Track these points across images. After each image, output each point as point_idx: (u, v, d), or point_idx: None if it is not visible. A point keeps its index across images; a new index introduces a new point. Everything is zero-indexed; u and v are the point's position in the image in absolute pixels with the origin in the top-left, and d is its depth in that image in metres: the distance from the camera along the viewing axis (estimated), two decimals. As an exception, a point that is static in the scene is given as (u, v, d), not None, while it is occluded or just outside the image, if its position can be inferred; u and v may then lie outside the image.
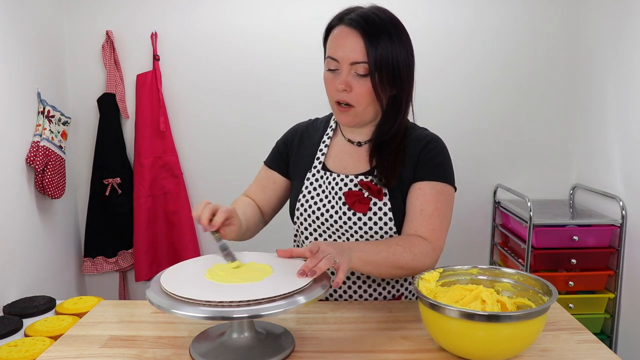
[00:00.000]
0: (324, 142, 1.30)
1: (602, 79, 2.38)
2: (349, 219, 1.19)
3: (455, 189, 1.23)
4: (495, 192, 2.64)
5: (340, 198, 1.21)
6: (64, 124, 2.28)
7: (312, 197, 1.24)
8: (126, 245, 2.59)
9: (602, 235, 2.24)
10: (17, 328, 1.57)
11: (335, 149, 1.28)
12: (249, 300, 0.88)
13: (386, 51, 1.12)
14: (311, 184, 1.26)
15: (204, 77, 2.55)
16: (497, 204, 2.63)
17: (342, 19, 1.18)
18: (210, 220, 1.06)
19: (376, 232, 1.19)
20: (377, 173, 1.20)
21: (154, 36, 2.50)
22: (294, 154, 1.33)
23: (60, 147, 2.25)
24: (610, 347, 2.26)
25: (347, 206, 1.20)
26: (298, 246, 1.33)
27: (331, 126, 1.33)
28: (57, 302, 1.78)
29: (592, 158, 2.48)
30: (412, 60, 1.18)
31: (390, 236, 1.19)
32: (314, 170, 1.27)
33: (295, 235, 1.33)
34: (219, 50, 2.53)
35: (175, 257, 2.57)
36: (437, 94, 2.57)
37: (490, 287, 1.08)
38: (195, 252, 2.59)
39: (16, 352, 1.39)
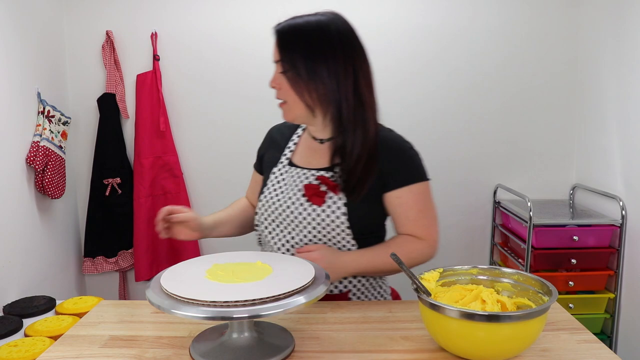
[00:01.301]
0: (292, 140, 1.39)
1: (602, 79, 2.38)
2: (305, 209, 1.25)
3: (429, 179, 1.29)
4: (495, 192, 2.64)
5: (299, 190, 1.27)
6: (64, 124, 2.28)
7: (275, 190, 1.31)
8: (126, 245, 2.59)
9: (602, 235, 2.24)
10: (17, 328, 1.57)
11: (303, 145, 1.36)
12: (249, 300, 0.88)
13: (297, 51, 1.21)
14: (276, 177, 1.33)
15: (204, 77, 2.55)
16: (497, 204, 2.63)
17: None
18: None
19: (328, 225, 1.23)
20: (337, 170, 1.25)
21: (154, 36, 2.50)
22: (266, 153, 1.43)
23: (60, 147, 2.25)
24: (610, 347, 2.26)
25: (305, 198, 1.25)
26: (259, 237, 1.38)
27: (301, 125, 1.40)
28: (57, 302, 1.78)
29: (592, 158, 2.48)
30: (321, 60, 1.20)
31: (343, 230, 1.24)
32: (279, 166, 1.35)
33: (256, 225, 1.37)
34: (219, 50, 2.53)
35: (175, 257, 2.57)
36: (436, 94, 2.57)
37: (490, 287, 1.08)
38: (195, 252, 2.60)
39: (16, 352, 1.39)
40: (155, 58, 2.50)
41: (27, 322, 1.63)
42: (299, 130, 1.40)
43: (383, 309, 1.20)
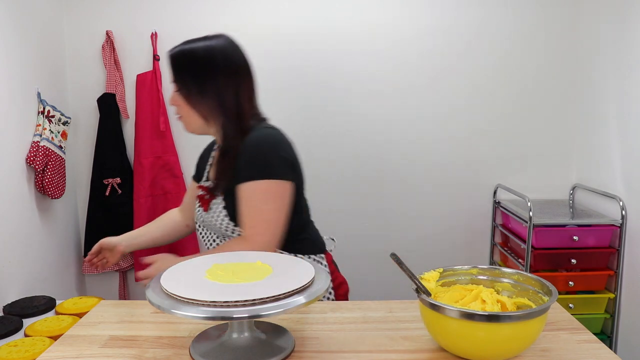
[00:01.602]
0: (212, 154, 1.55)
1: (602, 79, 2.38)
2: (201, 215, 1.45)
3: (280, 179, 1.31)
4: (495, 192, 2.64)
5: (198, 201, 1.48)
6: (64, 124, 2.28)
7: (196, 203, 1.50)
8: (126, 245, 2.59)
9: (602, 235, 2.24)
10: (17, 328, 1.57)
11: (216, 157, 1.48)
12: (249, 300, 0.88)
13: (177, 74, 1.41)
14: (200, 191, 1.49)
15: (204, 77, 2.55)
16: (497, 204, 2.63)
17: None
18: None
19: (216, 225, 1.39)
20: (210, 177, 1.47)
21: (154, 36, 2.50)
22: (198, 168, 1.62)
23: (60, 147, 2.25)
24: (610, 347, 2.26)
25: (202, 207, 1.45)
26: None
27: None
28: (57, 302, 1.78)
29: (592, 158, 2.48)
30: (192, 81, 1.37)
31: (231, 228, 1.38)
32: (204, 179, 1.53)
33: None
34: (219, 50, 2.53)
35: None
36: (436, 94, 2.57)
37: (490, 287, 1.08)
38: (195, 252, 2.59)
39: (16, 352, 1.39)
40: (155, 58, 2.50)
41: (27, 322, 1.63)
42: (215, 146, 1.53)
43: (383, 309, 1.20)
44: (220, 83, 1.36)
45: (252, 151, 1.32)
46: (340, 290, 1.51)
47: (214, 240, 1.46)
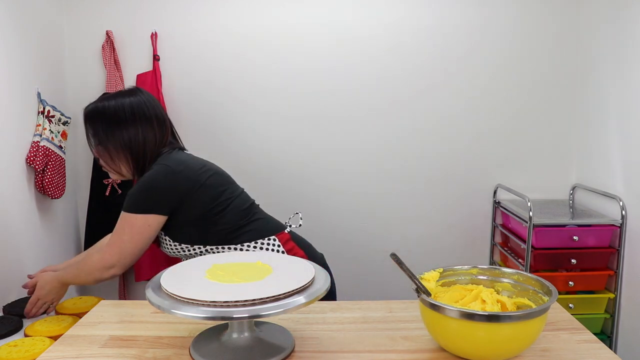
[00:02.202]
0: None
1: (602, 79, 2.38)
2: (165, 249, 1.67)
3: (134, 212, 1.47)
4: (495, 192, 2.64)
5: None
6: (64, 124, 2.28)
7: None
8: (126, 245, 2.59)
9: (602, 235, 2.24)
10: (17, 328, 1.57)
11: None
12: (249, 300, 0.88)
13: (91, 131, 1.57)
14: None
15: (204, 77, 2.55)
16: (497, 204, 2.63)
17: None
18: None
19: (176, 252, 1.64)
20: None
21: (154, 36, 2.50)
22: None
23: (60, 147, 2.25)
24: (610, 347, 2.26)
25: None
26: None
27: None
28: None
29: (592, 158, 2.48)
30: (106, 135, 1.54)
31: (181, 249, 1.61)
32: None
33: None
34: (219, 51, 2.53)
35: (175, 257, 2.56)
36: (436, 94, 2.57)
37: (490, 287, 1.08)
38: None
39: (16, 352, 1.39)
40: (155, 58, 2.50)
41: (27, 322, 1.63)
42: None
43: (383, 309, 1.20)
44: (130, 131, 1.54)
45: (139, 185, 1.50)
46: None
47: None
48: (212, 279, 0.99)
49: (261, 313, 0.87)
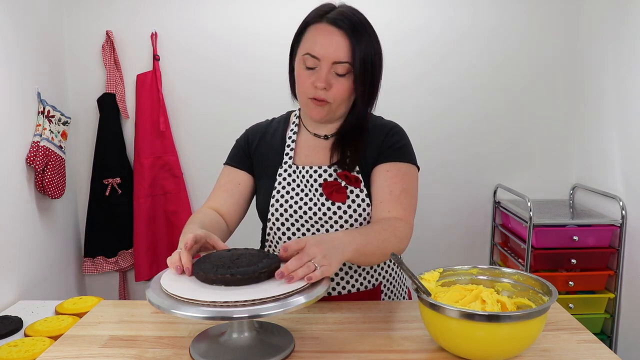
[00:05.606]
0: (290, 137, 1.33)
1: (602, 79, 2.38)
2: (328, 209, 1.22)
3: (419, 169, 1.29)
4: (495, 192, 2.64)
5: (317, 190, 1.24)
6: (64, 124, 2.28)
7: (288, 193, 1.26)
8: (126, 245, 2.59)
9: (602, 235, 2.24)
10: (17, 328, 1.57)
11: (302, 144, 1.32)
12: (249, 300, 0.88)
13: (367, 52, 1.19)
14: (284, 179, 1.27)
15: (204, 77, 2.55)
16: (497, 204, 2.63)
17: (323, 16, 1.21)
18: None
19: (356, 220, 1.22)
20: (348, 162, 1.25)
21: (154, 36, 2.50)
22: (256, 153, 1.34)
23: (60, 147, 2.25)
24: (610, 347, 2.26)
25: (324, 197, 1.22)
26: (270, 247, 1.32)
27: (294, 122, 1.36)
28: (57, 302, 1.78)
29: (592, 158, 2.48)
30: (381, 58, 1.26)
31: (368, 222, 1.23)
32: (285, 166, 1.28)
33: (268, 234, 1.32)
34: (219, 50, 2.53)
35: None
36: (436, 93, 2.57)
37: (490, 287, 1.08)
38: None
39: (16, 352, 1.39)
40: (155, 58, 2.50)
41: (27, 322, 1.63)
42: (294, 127, 1.35)
43: (383, 309, 1.20)
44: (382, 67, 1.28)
45: (405, 136, 1.30)
46: None
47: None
48: (212, 279, 0.99)
49: (261, 313, 0.87)
